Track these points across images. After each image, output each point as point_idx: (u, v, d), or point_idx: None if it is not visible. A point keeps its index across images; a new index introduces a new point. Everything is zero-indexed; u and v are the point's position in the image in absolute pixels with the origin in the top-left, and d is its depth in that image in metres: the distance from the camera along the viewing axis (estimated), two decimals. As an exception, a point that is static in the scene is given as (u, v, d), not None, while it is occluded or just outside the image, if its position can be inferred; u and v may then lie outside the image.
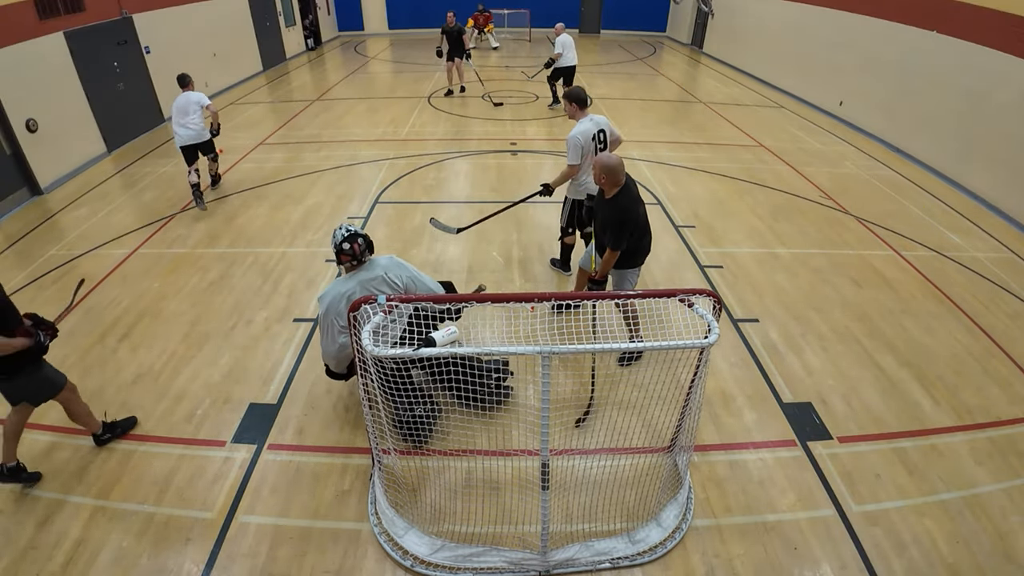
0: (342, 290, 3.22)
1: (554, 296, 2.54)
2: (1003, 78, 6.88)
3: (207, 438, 3.52)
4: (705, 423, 3.64)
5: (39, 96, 7.03)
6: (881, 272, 5.46)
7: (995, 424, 3.71)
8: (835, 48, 10.57)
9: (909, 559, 2.85)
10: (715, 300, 2.56)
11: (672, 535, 2.92)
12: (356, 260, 3.24)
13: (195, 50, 10.89)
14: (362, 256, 3.25)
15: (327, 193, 7.01)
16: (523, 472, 3.23)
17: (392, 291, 3.25)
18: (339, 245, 3.21)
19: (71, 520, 2.98)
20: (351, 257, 3.22)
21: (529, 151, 8.56)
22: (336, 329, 3.26)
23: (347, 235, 3.20)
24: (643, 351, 2.27)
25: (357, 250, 3.21)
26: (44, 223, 6.34)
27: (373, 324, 2.37)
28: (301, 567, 2.77)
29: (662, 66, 15.36)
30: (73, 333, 4.47)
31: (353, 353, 2.89)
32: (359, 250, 3.21)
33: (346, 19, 19.79)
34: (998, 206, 6.90)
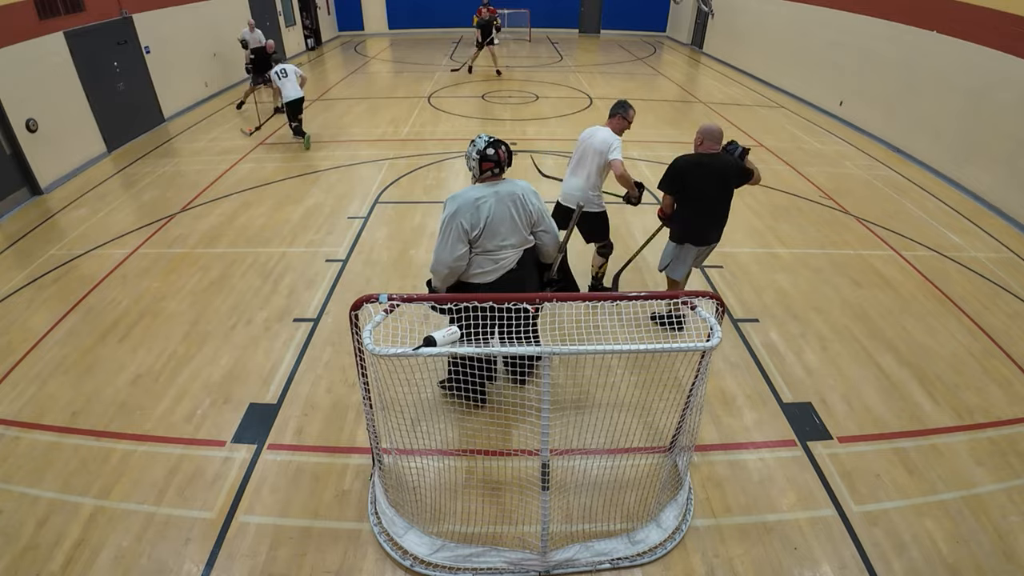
0: (476, 195, 3.06)
1: (555, 297, 2.54)
2: (1003, 78, 6.88)
3: (207, 438, 3.52)
4: (705, 423, 3.64)
5: (39, 96, 7.03)
6: (881, 272, 5.46)
7: (995, 424, 3.71)
8: (835, 48, 10.57)
9: (909, 559, 2.85)
10: (718, 302, 2.56)
11: (672, 535, 2.92)
12: (499, 168, 3.11)
13: (195, 50, 10.90)
14: (504, 166, 3.12)
15: (327, 193, 7.01)
16: (523, 472, 3.23)
17: (525, 215, 3.16)
18: (483, 151, 3.05)
19: (71, 520, 2.98)
20: (494, 164, 3.07)
21: (529, 151, 8.56)
22: (459, 234, 3.05)
23: (491, 140, 3.07)
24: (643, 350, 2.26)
25: (502, 156, 3.08)
26: (44, 223, 6.34)
27: (374, 323, 2.37)
28: (301, 567, 2.77)
29: (662, 66, 15.36)
30: (73, 333, 4.47)
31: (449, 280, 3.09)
32: (503, 157, 3.08)
33: (346, 19, 19.79)
34: (998, 206, 6.90)
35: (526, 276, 3.32)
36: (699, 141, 3.94)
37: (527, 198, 3.18)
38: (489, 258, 3.19)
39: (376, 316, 2.40)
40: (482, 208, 3.06)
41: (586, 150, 4.35)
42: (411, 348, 2.23)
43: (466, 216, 3.05)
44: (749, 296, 5.04)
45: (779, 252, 5.77)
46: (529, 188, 3.25)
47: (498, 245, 3.16)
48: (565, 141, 9.01)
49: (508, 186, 3.16)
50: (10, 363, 4.15)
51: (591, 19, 20.48)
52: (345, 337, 4.35)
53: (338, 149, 8.62)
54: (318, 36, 17.61)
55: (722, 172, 3.91)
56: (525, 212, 3.18)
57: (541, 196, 3.33)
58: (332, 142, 8.94)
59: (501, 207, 3.10)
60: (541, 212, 3.26)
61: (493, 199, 3.08)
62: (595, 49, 17.80)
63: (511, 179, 3.22)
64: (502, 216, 3.11)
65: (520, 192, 3.17)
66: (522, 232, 3.21)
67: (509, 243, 3.18)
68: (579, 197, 4.27)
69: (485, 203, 3.07)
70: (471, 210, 3.06)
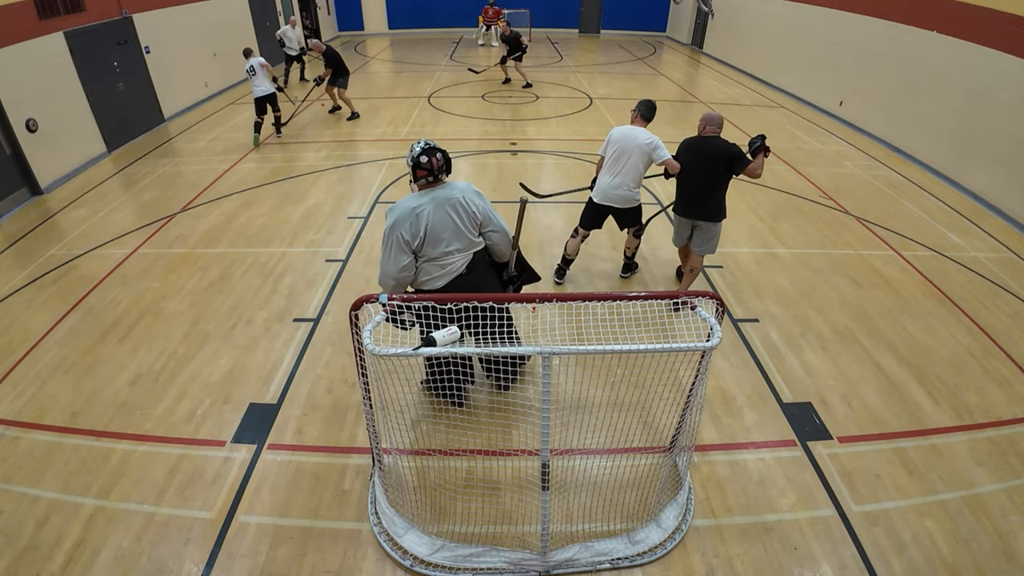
0: (413, 204, 3.03)
1: (556, 297, 2.54)
2: (1003, 78, 6.88)
3: (207, 438, 3.52)
4: (705, 423, 3.64)
5: (39, 96, 7.03)
6: (881, 272, 5.46)
7: (995, 424, 3.71)
8: (835, 48, 10.57)
9: (909, 559, 2.85)
10: (718, 302, 2.56)
11: (672, 535, 2.92)
12: (433, 176, 3.06)
13: (195, 50, 10.90)
14: (439, 174, 3.06)
15: (327, 193, 7.01)
16: (523, 472, 3.23)
17: (467, 218, 3.12)
18: (416, 158, 3.03)
19: (71, 520, 2.98)
20: (427, 172, 3.03)
21: (529, 151, 8.56)
22: (399, 245, 3.04)
23: (426, 147, 3.03)
24: (643, 350, 2.27)
25: (435, 165, 3.02)
26: (44, 223, 6.34)
27: (374, 323, 2.37)
28: (301, 567, 2.77)
29: (662, 66, 15.36)
30: (73, 333, 4.47)
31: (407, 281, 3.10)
32: (437, 165, 3.03)
33: (346, 19, 19.80)
34: (998, 206, 6.90)
35: (479, 279, 3.27)
36: (702, 126, 4.41)
37: (468, 200, 3.13)
38: (435, 264, 3.16)
39: (376, 316, 2.40)
40: (420, 217, 3.02)
41: (625, 149, 4.53)
42: (411, 348, 2.23)
43: (405, 227, 3.02)
44: (749, 296, 5.04)
45: (779, 252, 5.77)
46: (471, 189, 3.20)
47: (443, 252, 3.13)
48: (565, 141, 9.01)
49: (446, 191, 3.10)
50: (10, 363, 4.15)
51: (591, 19, 20.48)
52: (345, 337, 4.35)
53: (338, 149, 8.63)
54: (318, 36, 17.61)
55: (711, 155, 4.27)
56: (468, 214, 3.13)
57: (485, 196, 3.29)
58: (332, 142, 8.94)
59: (439, 213, 3.05)
60: (487, 212, 3.21)
61: (431, 206, 3.04)
62: (595, 49, 17.81)
63: (451, 183, 3.16)
64: (442, 223, 3.07)
65: (459, 195, 3.11)
66: (467, 236, 3.17)
67: (454, 248, 3.14)
68: (622, 196, 4.61)
69: (423, 211, 3.02)
70: (409, 220, 3.02)
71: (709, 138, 4.33)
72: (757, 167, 4.18)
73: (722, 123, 4.39)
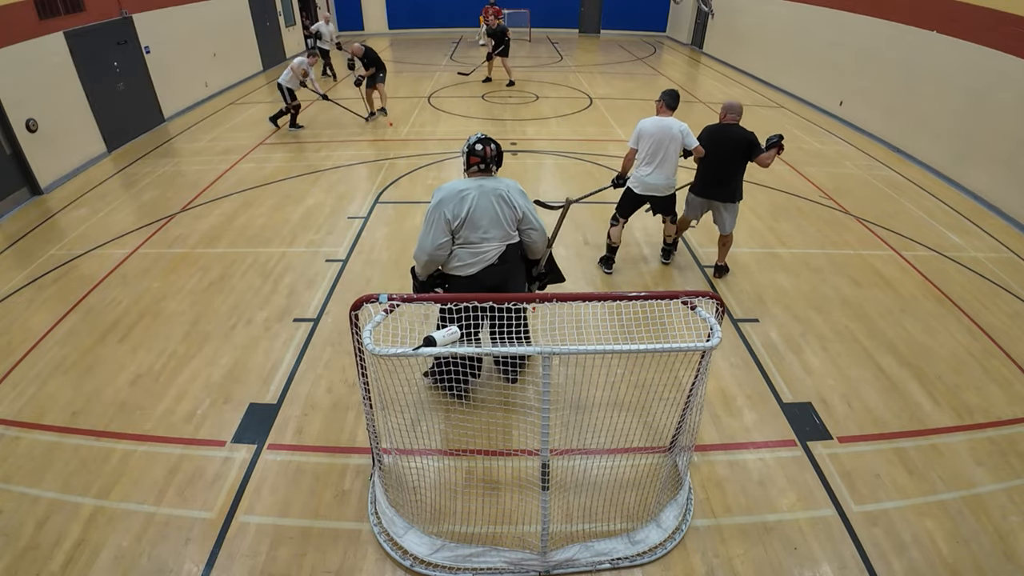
0: (460, 187, 3.20)
1: (556, 297, 2.54)
2: (1003, 78, 6.88)
3: (207, 438, 3.52)
4: (705, 423, 3.64)
5: (39, 96, 7.03)
6: (881, 272, 5.46)
7: (995, 424, 3.71)
8: (835, 48, 10.57)
9: (909, 559, 2.85)
10: (718, 303, 2.56)
11: (672, 535, 2.92)
12: (484, 165, 3.26)
13: (195, 50, 10.90)
14: (490, 163, 3.27)
15: (327, 193, 7.01)
16: (523, 472, 3.23)
17: (509, 212, 3.27)
18: (471, 146, 3.25)
19: (71, 520, 2.98)
20: (480, 159, 3.24)
21: (529, 151, 8.56)
22: (441, 223, 3.18)
23: (481, 137, 3.28)
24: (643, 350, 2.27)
25: (488, 153, 3.24)
26: (44, 223, 6.34)
27: (374, 323, 2.37)
28: (301, 567, 2.77)
29: (662, 66, 15.36)
30: (73, 333, 4.47)
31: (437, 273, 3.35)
32: (490, 154, 3.24)
33: (346, 19, 19.79)
34: (998, 206, 6.90)
35: (509, 271, 3.41)
36: (723, 114, 4.75)
37: (511, 196, 3.27)
38: (470, 251, 3.28)
39: (376, 316, 2.40)
40: (465, 199, 3.16)
41: (662, 141, 4.74)
42: (411, 348, 2.23)
43: (449, 206, 3.16)
44: (749, 296, 5.04)
45: (779, 252, 5.77)
46: (516, 187, 3.34)
47: (480, 237, 3.25)
48: (565, 141, 9.01)
49: (493, 182, 3.26)
50: (10, 363, 4.15)
51: (591, 19, 20.48)
52: (345, 337, 4.35)
53: (338, 149, 8.62)
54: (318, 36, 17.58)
55: (731, 141, 4.62)
56: (509, 209, 3.27)
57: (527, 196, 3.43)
58: (332, 142, 8.94)
59: (484, 200, 3.20)
60: (526, 210, 3.34)
61: (477, 192, 3.18)
62: (595, 49, 17.80)
63: (499, 177, 3.33)
64: (484, 209, 3.20)
65: (505, 189, 3.26)
66: (504, 227, 3.30)
67: (491, 236, 3.27)
68: (666, 185, 4.88)
69: (469, 195, 3.17)
70: (455, 200, 3.16)
71: (730, 125, 4.68)
72: (767, 158, 4.53)
73: (742, 111, 4.77)
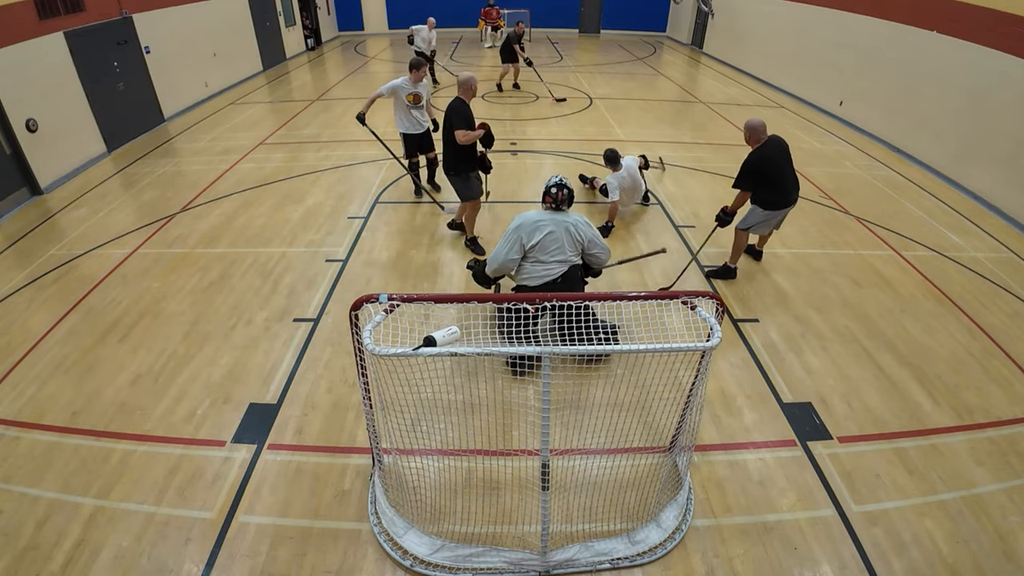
0: (537, 218, 3.93)
1: (556, 297, 2.54)
2: (1003, 78, 6.88)
3: (207, 438, 3.52)
4: (705, 423, 3.64)
5: (39, 96, 7.03)
6: (881, 272, 5.46)
7: (995, 424, 3.71)
8: (835, 48, 10.57)
9: (909, 559, 2.85)
10: (718, 303, 2.56)
11: (672, 535, 2.92)
12: (555, 204, 3.96)
13: (195, 50, 10.89)
14: (560, 204, 3.97)
15: (327, 193, 7.01)
16: (523, 472, 3.23)
17: (573, 240, 3.93)
18: (548, 187, 3.97)
19: (71, 520, 2.98)
20: (552, 200, 3.96)
21: (529, 151, 8.56)
22: (516, 245, 3.91)
23: (558, 182, 3.97)
24: (643, 350, 2.27)
25: (560, 196, 3.95)
26: (44, 223, 6.34)
27: (374, 323, 2.37)
28: (301, 567, 2.77)
29: (662, 66, 15.36)
30: (73, 333, 4.47)
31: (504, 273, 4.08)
32: (561, 197, 3.95)
33: (346, 19, 19.79)
34: (998, 206, 6.90)
35: (568, 287, 3.93)
36: (755, 138, 4.74)
37: (579, 228, 3.95)
38: (538, 267, 3.93)
39: (376, 316, 2.40)
40: (541, 228, 3.89)
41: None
42: (411, 348, 2.23)
43: (526, 231, 3.90)
44: (749, 296, 5.04)
45: (779, 252, 5.77)
46: (583, 221, 4.00)
47: (549, 258, 3.92)
48: (565, 141, 9.01)
49: (564, 216, 3.96)
50: (10, 363, 4.15)
51: (591, 19, 20.48)
52: (345, 337, 4.35)
53: (338, 149, 8.62)
54: (318, 36, 17.62)
55: (783, 149, 4.77)
56: (575, 239, 3.94)
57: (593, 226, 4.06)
58: (332, 142, 8.94)
59: (556, 231, 3.90)
60: (591, 238, 4.00)
61: (551, 224, 3.90)
62: (595, 49, 17.80)
63: (569, 212, 4.02)
64: (554, 238, 3.90)
65: (572, 222, 3.95)
66: (568, 253, 3.94)
67: (557, 259, 3.92)
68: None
69: (543, 225, 3.90)
70: (530, 228, 3.90)
71: (773, 136, 4.76)
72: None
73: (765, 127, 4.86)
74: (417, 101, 6.21)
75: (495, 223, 6.27)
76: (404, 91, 6.11)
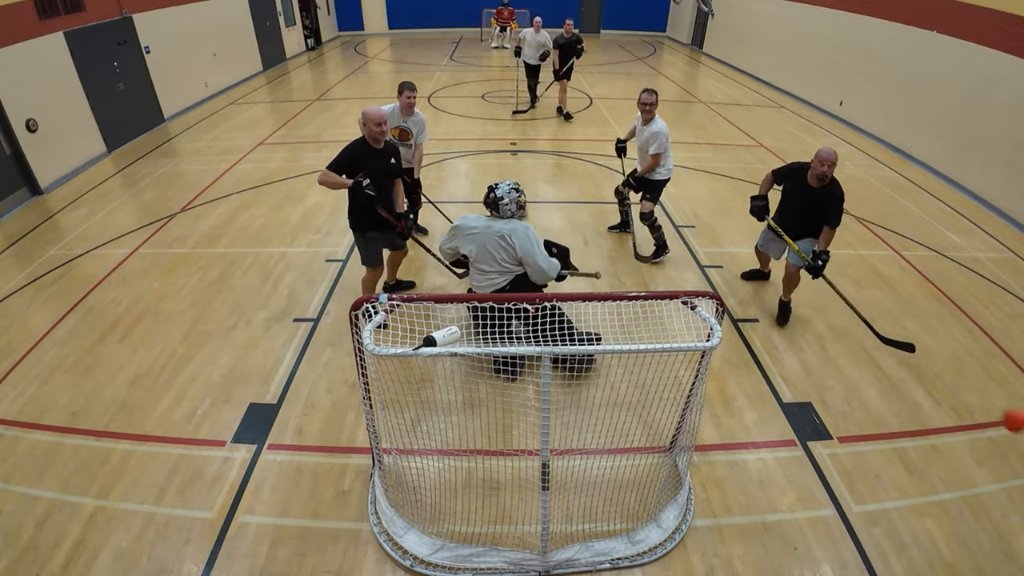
0: (472, 224, 3.77)
1: (555, 297, 2.54)
2: (1003, 78, 6.88)
3: (207, 438, 3.52)
4: (705, 423, 3.64)
5: (39, 96, 7.03)
6: (881, 272, 5.46)
7: (995, 424, 3.71)
8: (835, 48, 10.57)
9: (909, 559, 2.85)
10: (718, 302, 2.56)
11: (672, 535, 2.92)
12: (487, 208, 3.80)
13: (195, 50, 10.89)
14: (490, 208, 3.77)
15: (327, 193, 6.99)
16: (523, 472, 3.23)
17: (504, 251, 3.70)
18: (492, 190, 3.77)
19: (71, 520, 2.98)
20: (485, 203, 3.80)
21: (529, 151, 8.56)
22: (453, 241, 3.84)
23: (492, 185, 3.78)
24: (643, 350, 2.27)
25: (487, 199, 3.76)
26: (44, 223, 6.34)
27: (374, 323, 2.37)
28: (301, 567, 2.77)
29: (662, 66, 15.36)
30: (73, 333, 4.47)
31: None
32: (488, 200, 3.76)
33: (346, 19, 19.79)
34: (998, 206, 6.90)
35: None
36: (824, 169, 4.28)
37: (512, 237, 3.66)
38: (479, 276, 3.81)
39: (376, 316, 2.40)
40: (473, 238, 3.75)
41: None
42: (411, 348, 2.23)
43: (461, 236, 3.79)
44: (749, 296, 5.04)
45: (779, 252, 5.76)
46: (520, 229, 3.70)
47: (487, 267, 3.77)
48: (565, 141, 9.01)
49: (500, 224, 3.71)
50: (10, 363, 4.15)
51: (591, 19, 20.47)
52: (345, 337, 4.35)
53: (338, 149, 8.59)
54: (318, 36, 17.61)
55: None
56: (507, 249, 3.69)
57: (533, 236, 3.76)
58: (332, 142, 8.93)
59: (483, 241, 3.71)
60: (525, 251, 3.68)
61: (482, 235, 3.71)
62: (595, 49, 17.79)
63: (511, 220, 3.75)
64: (481, 247, 3.73)
65: (506, 231, 3.67)
66: (502, 263, 3.74)
67: (493, 269, 3.77)
68: None
69: (476, 235, 3.73)
70: (465, 234, 3.77)
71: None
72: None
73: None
74: (404, 138, 5.05)
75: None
76: (390, 122, 4.79)
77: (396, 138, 5.00)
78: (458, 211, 6.51)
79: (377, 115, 3.91)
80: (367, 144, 4.04)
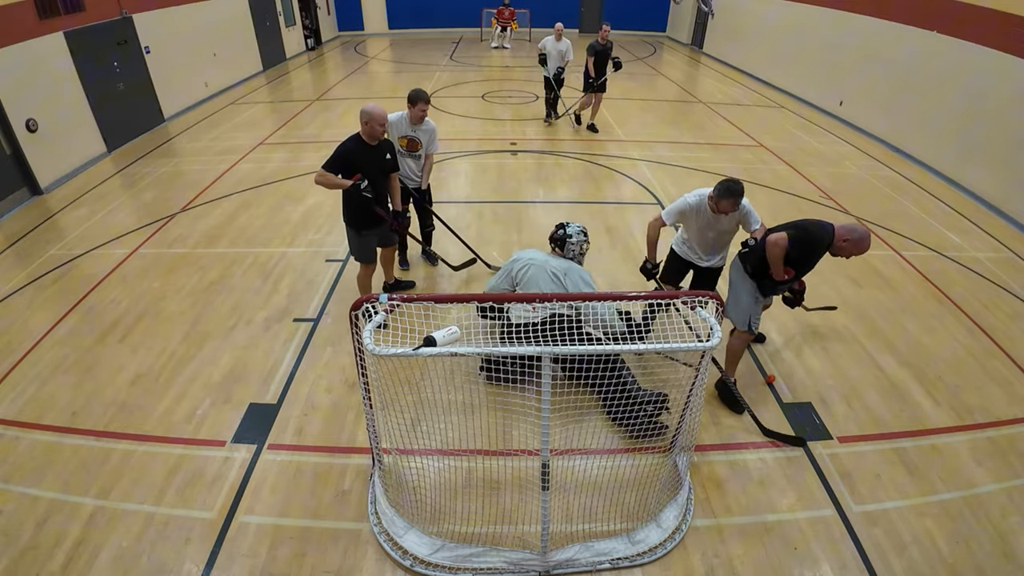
0: (530, 256, 3.86)
1: (555, 297, 2.54)
2: (1003, 78, 6.88)
3: (207, 438, 3.52)
4: (705, 423, 3.64)
5: (39, 96, 7.03)
6: (881, 272, 5.46)
7: (995, 424, 3.71)
8: (835, 48, 10.57)
9: (909, 559, 2.85)
10: (718, 303, 2.56)
11: (672, 535, 2.92)
12: (552, 245, 3.98)
13: (195, 50, 10.89)
14: (554, 245, 3.97)
15: (327, 193, 6.98)
16: (523, 472, 3.23)
17: (555, 285, 3.71)
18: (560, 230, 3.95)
19: (71, 520, 2.98)
20: (551, 240, 3.99)
21: (529, 151, 8.56)
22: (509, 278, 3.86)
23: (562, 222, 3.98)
24: (643, 350, 2.28)
25: (554, 236, 3.97)
26: (44, 223, 6.33)
27: (374, 323, 2.37)
28: (301, 567, 2.77)
29: (662, 66, 15.36)
30: (73, 333, 4.47)
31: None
32: (555, 236, 3.96)
33: (346, 19, 19.78)
34: (998, 206, 6.90)
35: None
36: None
37: (567, 276, 3.76)
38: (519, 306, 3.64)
39: (376, 316, 2.40)
40: (529, 266, 3.81)
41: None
42: (411, 348, 2.23)
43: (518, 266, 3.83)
44: (749, 296, 5.03)
45: (779, 252, 5.75)
46: (577, 272, 3.80)
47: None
48: (565, 141, 9.01)
49: (558, 261, 3.83)
50: (10, 363, 4.14)
51: (591, 19, 20.45)
52: (345, 337, 4.35)
53: (338, 149, 8.61)
54: (318, 36, 17.61)
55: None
56: (560, 286, 3.73)
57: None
58: (332, 142, 8.92)
59: (537, 272, 3.76)
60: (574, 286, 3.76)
61: (538, 265, 3.77)
62: (595, 49, 17.78)
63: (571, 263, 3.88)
64: (531, 278, 3.76)
65: (562, 268, 3.77)
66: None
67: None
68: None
69: (533, 264, 3.79)
70: (521, 265, 3.82)
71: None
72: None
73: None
74: (412, 148, 4.79)
75: (495, 222, 6.27)
76: (397, 130, 4.69)
77: (404, 148, 4.75)
78: (458, 211, 6.53)
79: (383, 115, 3.95)
80: (362, 141, 4.00)
